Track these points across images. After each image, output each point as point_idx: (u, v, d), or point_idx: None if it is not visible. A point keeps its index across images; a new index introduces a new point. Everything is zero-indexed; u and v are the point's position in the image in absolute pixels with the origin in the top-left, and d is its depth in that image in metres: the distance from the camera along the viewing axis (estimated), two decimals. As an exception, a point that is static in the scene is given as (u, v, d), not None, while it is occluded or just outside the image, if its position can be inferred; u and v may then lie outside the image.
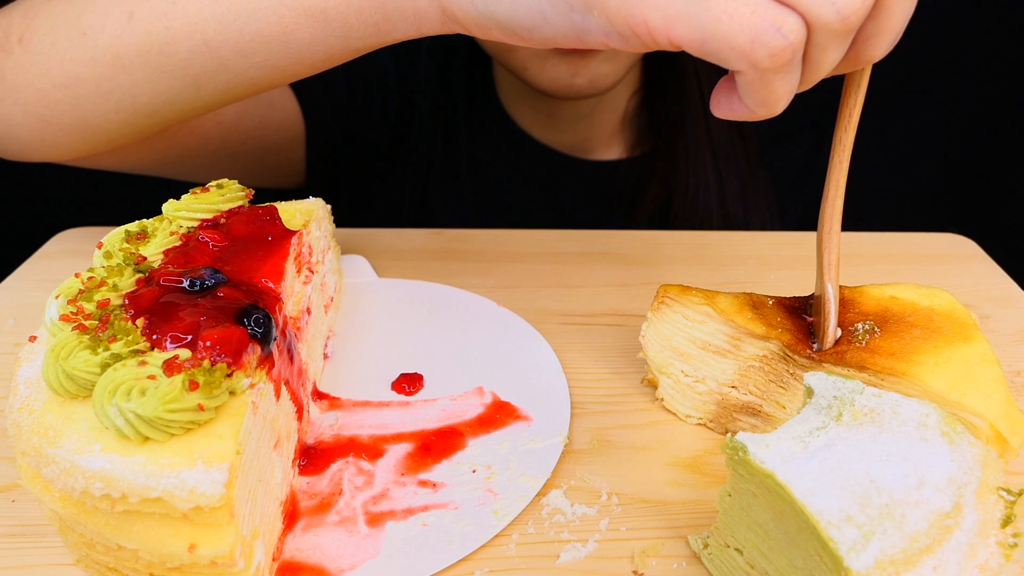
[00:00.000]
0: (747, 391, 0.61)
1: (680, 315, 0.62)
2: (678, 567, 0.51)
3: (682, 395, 0.64)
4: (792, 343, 0.57)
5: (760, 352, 0.59)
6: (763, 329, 0.58)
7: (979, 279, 0.85)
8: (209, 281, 0.53)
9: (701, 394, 0.63)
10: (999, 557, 0.41)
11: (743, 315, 0.59)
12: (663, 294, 0.63)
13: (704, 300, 0.61)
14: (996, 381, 0.53)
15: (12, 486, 0.57)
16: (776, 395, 0.59)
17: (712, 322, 0.61)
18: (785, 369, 0.59)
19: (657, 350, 0.64)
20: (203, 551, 0.43)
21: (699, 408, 0.63)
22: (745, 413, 0.61)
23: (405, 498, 0.55)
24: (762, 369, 0.60)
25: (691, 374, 0.63)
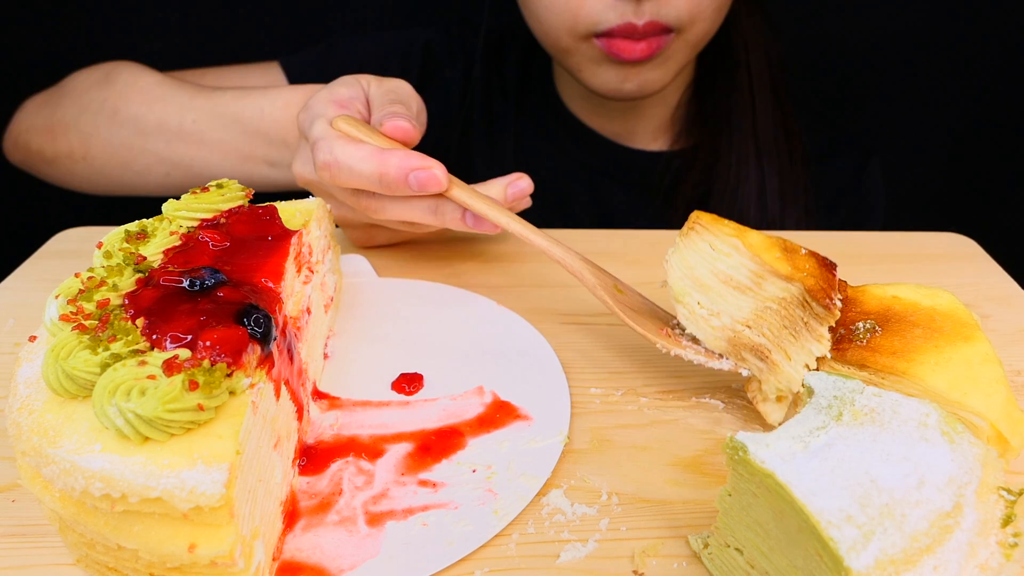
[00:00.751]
0: (760, 333, 0.60)
1: (707, 243, 0.61)
2: (678, 567, 0.51)
3: (695, 325, 0.63)
4: (815, 289, 0.57)
5: (781, 294, 0.59)
6: (789, 270, 0.58)
7: (979, 279, 0.85)
8: (209, 281, 0.53)
9: (714, 328, 0.62)
10: (999, 557, 0.41)
11: (771, 253, 0.59)
12: (694, 220, 0.62)
13: (734, 233, 0.60)
14: (997, 381, 0.53)
15: (12, 486, 0.57)
16: (787, 343, 0.59)
17: (738, 255, 0.60)
18: (801, 317, 0.58)
19: (678, 277, 0.63)
20: (203, 551, 0.43)
21: (711, 340, 0.63)
22: (753, 354, 0.61)
23: (405, 498, 0.55)
24: (779, 312, 0.59)
25: (707, 306, 0.62)
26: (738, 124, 1.10)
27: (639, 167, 1.16)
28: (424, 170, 0.67)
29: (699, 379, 0.69)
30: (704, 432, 0.63)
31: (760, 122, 1.10)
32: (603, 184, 1.17)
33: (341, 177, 0.69)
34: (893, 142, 1.61)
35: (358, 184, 0.69)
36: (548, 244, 0.70)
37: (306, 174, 0.77)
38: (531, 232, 0.71)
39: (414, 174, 0.67)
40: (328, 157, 0.69)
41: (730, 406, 0.66)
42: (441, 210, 0.71)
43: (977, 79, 1.55)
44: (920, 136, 1.61)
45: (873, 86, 1.56)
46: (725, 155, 1.10)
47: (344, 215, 0.79)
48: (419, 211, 0.71)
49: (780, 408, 0.62)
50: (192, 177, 0.97)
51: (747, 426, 0.64)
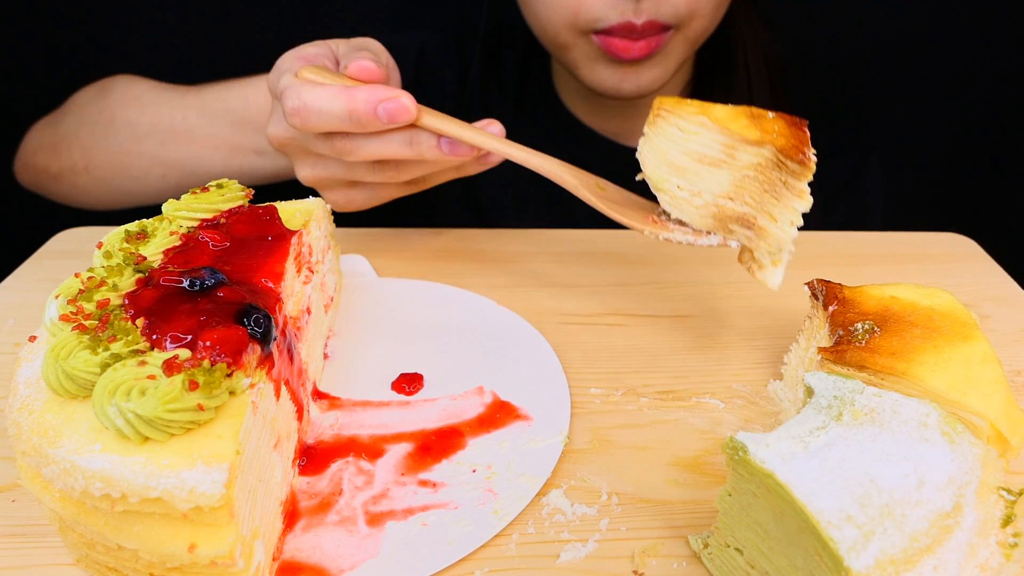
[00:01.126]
0: (743, 202, 0.61)
1: (675, 127, 0.62)
2: (678, 567, 0.51)
3: (679, 209, 0.64)
4: (787, 148, 0.58)
5: (755, 160, 0.60)
6: (758, 135, 0.59)
7: (979, 279, 0.85)
8: (209, 281, 0.53)
9: (698, 207, 0.63)
10: (999, 557, 0.41)
11: (739, 122, 0.60)
12: (658, 106, 0.63)
13: (700, 110, 0.61)
14: (997, 381, 0.53)
15: (12, 486, 0.57)
16: (770, 206, 0.60)
17: (707, 131, 0.61)
18: (779, 178, 0.59)
19: (653, 165, 0.63)
20: (203, 551, 0.43)
21: (696, 220, 0.63)
22: (740, 224, 0.62)
23: (405, 498, 0.55)
24: (757, 179, 0.60)
25: (687, 188, 0.63)
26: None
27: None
28: (392, 100, 0.67)
29: (699, 379, 0.69)
30: (704, 432, 0.63)
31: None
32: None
33: (311, 120, 0.69)
34: (893, 142, 1.61)
35: (329, 125, 0.69)
36: (526, 154, 0.71)
37: (279, 133, 0.76)
38: (507, 146, 0.71)
39: (383, 105, 0.67)
40: (296, 102, 0.69)
41: (730, 406, 0.66)
42: (416, 140, 0.71)
43: (978, 79, 1.55)
44: (920, 136, 1.61)
45: (874, 85, 1.56)
46: None
47: (319, 174, 0.77)
48: (395, 145, 0.71)
49: (778, 271, 0.62)
50: (187, 176, 0.97)
51: (747, 426, 0.64)
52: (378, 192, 0.80)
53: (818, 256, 0.89)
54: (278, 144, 0.77)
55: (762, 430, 0.63)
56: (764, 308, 0.79)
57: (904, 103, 1.57)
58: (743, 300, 0.81)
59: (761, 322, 0.77)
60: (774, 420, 0.65)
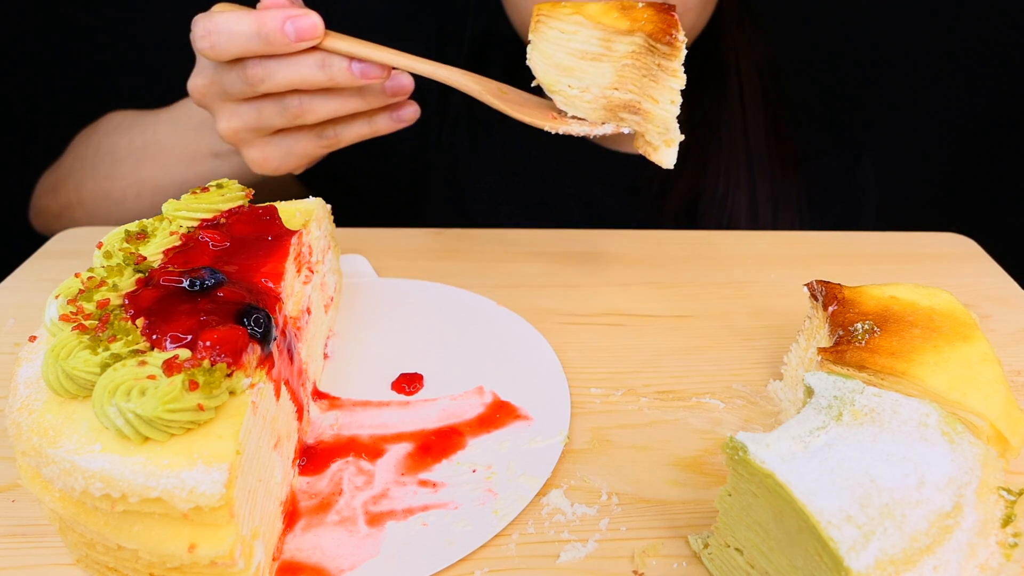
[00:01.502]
0: (627, 90, 0.66)
1: (556, 30, 0.66)
2: (678, 567, 0.51)
3: (573, 106, 0.69)
4: (655, 32, 0.63)
5: (629, 48, 0.65)
6: (628, 24, 0.64)
7: (979, 279, 0.85)
8: (209, 281, 0.53)
9: (589, 102, 0.68)
10: (999, 557, 0.41)
11: (610, 16, 0.65)
12: (537, 13, 0.67)
13: (574, 10, 0.65)
14: (996, 381, 0.53)
15: (12, 486, 0.57)
16: (650, 89, 0.66)
17: (584, 29, 0.65)
18: (653, 62, 0.64)
19: (544, 70, 0.68)
20: (203, 551, 0.43)
21: (590, 113, 0.68)
22: (628, 111, 0.67)
23: (405, 498, 0.55)
24: (634, 66, 0.65)
25: (576, 86, 0.68)
26: (727, 132, 1.09)
27: (628, 170, 1.15)
28: (301, 16, 0.69)
29: (699, 379, 0.69)
30: (704, 432, 0.63)
31: (751, 130, 1.09)
32: (592, 189, 1.16)
33: (220, 43, 0.70)
34: (894, 141, 1.61)
35: (238, 46, 0.70)
36: (433, 67, 0.73)
37: (197, 81, 0.77)
38: (415, 61, 0.73)
39: (291, 21, 0.69)
40: (207, 24, 0.70)
41: (730, 406, 0.66)
42: (327, 63, 0.72)
43: (979, 79, 1.55)
44: (921, 136, 1.61)
45: (875, 84, 1.56)
46: (713, 163, 1.09)
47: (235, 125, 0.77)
48: (306, 68, 0.72)
49: (671, 151, 0.69)
50: (158, 192, 0.97)
51: (747, 426, 0.64)
52: (292, 147, 0.80)
53: (818, 256, 0.89)
54: (198, 94, 0.78)
55: (762, 430, 0.63)
56: (764, 308, 0.79)
57: (905, 103, 1.58)
58: (743, 300, 0.81)
59: (761, 322, 0.77)
60: (774, 420, 0.65)
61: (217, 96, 0.77)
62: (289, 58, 0.72)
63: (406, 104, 0.79)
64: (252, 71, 0.72)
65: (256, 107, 0.75)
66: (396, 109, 0.78)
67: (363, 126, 0.79)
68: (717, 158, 1.09)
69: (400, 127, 0.80)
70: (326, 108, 0.75)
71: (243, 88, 0.74)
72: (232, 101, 0.76)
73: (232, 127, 0.77)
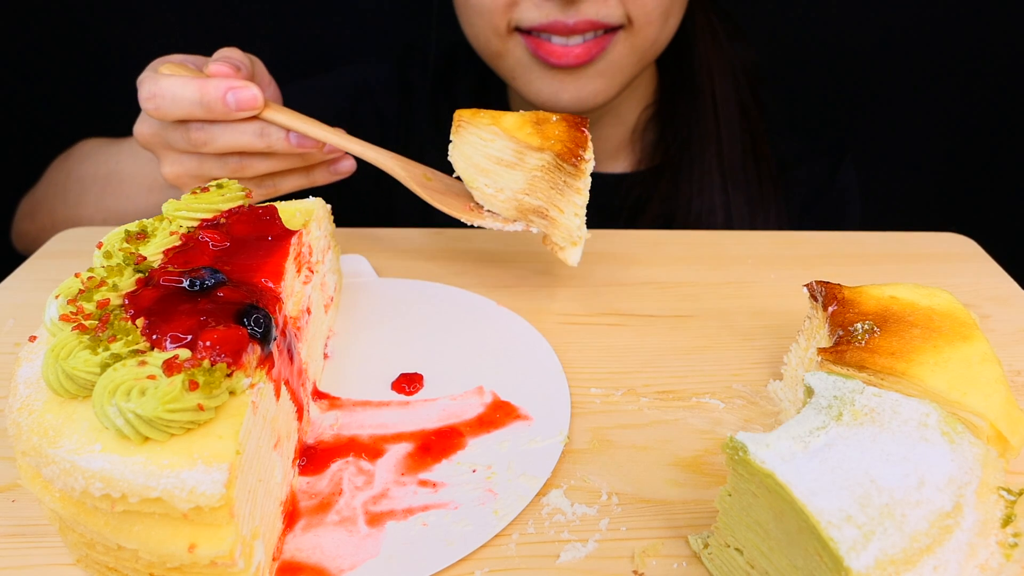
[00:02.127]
0: (536, 197, 0.71)
1: (475, 136, 0.71)
2: (678, 567, 0.51)
3: (488, 203, 0.73)
4: (563, 154, 0.68)
5: (539, 163, 0.69)
6: (539, 142, 0.69)
7: (979, 279, 0.85)
8: (209, 281, 0.53)
9: (502, 201, 0.72)
10: (999, 557, 0.41)
11: (523, 131, 0.70)
12: (458, 119, 0.72)
13: (491, 121, 0.70)
14: (996, 380, 0.53)
15: (12, 486, 0.57)
16: (557, 200, 0.70)
17: (499, 139, 0.70)
18: (560, 177, 0.69)
19: (463, 167, 0.73)
20: (203, 551, 0.43)
21: (503, 211, 0.73)
22: (537, 215, 0.72)
23: (405, 498, 0.55)
24: (544, 178, 0.70)
25: (491, 185, 0.72)
26: (700, 152, 1.07)
27: (600, 190, 1.13)
28: (242, 88, 0.73)
29: (699, 379, 0.69)
30: (704, 432, 0.63)
31: (726, 149, 1.08)
32: None
33: (164, 106, 0.73)
34: (894, 142, 1.61)
35: (181, 110, 0.73)
36: (363, 148, 0.78)
37: (143, 129, 0.79)
38: (347, 140, 0.77)
39: (232, 93, 0.72)
40: (152, 88, 0.73)
41: (730, 406, 0.66)
42: (266, 132, 0.76)
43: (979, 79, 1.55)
44: (920, 136, 1.61)
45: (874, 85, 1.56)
46: (686, 185, 1.08)
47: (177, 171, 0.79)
48: (247, 136, 0.75)
49: (576, 251, 0.73)
50: (121, 221, 0.98)
51: (747, 426, 0.64)
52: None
53: (818, 256, 0.89)
54: (143, 141, 0.80)
55: (762, 430, 0.63)
56: (764, 308, 0.79)
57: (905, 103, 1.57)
58: (743, 300, 0.81)
59: (761, 322, 0.77)
60: (774, 420, 0.65)
61: (161, 145, 0.79)
62: (230, 124, 0.75)
63: (343, 158, 0.82)
64: (195, 135, 0.75)
65: (198, 159, 0.78)
66: (333, 163, 0.82)
67: (301, 178, 0.83)
68: (690, 179, 1.08)
69: (337, 179, 0.83)
70: (264, 166, 0.79)
71: (186, 146, 0.77)
72: (175, 151, 0.79)
73: (175, 172, 0.80)
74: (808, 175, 1.17)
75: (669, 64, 1.12)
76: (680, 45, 1.08)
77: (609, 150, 1.14)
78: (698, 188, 1.07)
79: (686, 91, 1.08)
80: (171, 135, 0.77)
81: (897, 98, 1.57)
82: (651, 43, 0.96)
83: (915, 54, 1.52)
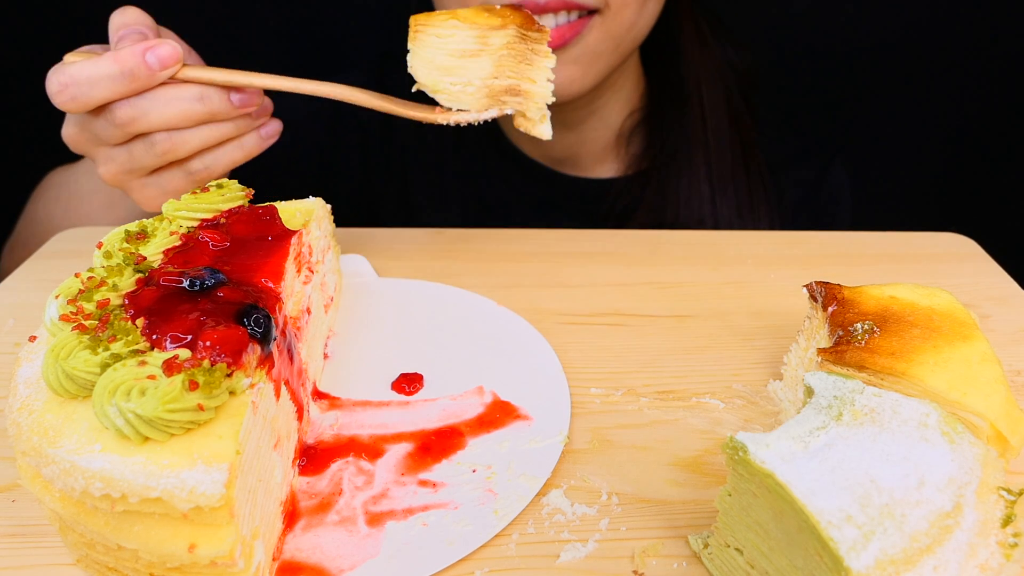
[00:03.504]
0: (506, 77, 0.73)
1: (433, 35, 0.72)
2: (678, 567, 0.51)
3: (457, 101, 0.74)
4: (524, 23, 0.71)
5: (504, 40, 0.72)
6: (499, 21, 0.71)
7: (979, 279, 0.85)
8: (209, 281, 0.53)
9: (471, 94, 0.74)
10: (999, 557, 0.41)
11: (481, 16, 0.72)
12: (414, 24, 0.72)
13: (449, 15, 0.72)
14: (996, 380, 0.53)
15: (12, 486, 0.57)
16: (527, 71, 0.73)
17: (460, 31, 0.71)
18: (526, 48, 0.72)
19: (426, 74, 0.73)
20: (203, 551, 0.43)
21: (473, 104, 0.74)
22: (509, 95, 0.74)
23: (405, 498, 0.55)
24: (510, 55, 0.72)
25: (458, 83, 0.73)
26: (687, 162, 1.07)
27: (586, 196, 1.13)
28: (159, 45, 0.67)
29: (699, 379, 0.69)
30: (704, 432, 0.63)
31: (715, 158, 1.07)
32: (552, 215, 1.14)
33: (82, 93, 0.66)
34: (893, 142, 1.61)
35: (101, 92, 0.67)
36: (315, 85, 0.75)
37: (68, 131, 0.74)
38: (296, 81, 0.74)
39: (150, 52, 0.66)
40: (61, 78, 0.66)
41: (730, 406, 0.66)
42: (207, 96, 0.70)
43: (979, 79, 1.55)
44: (921, 136, 1.61)
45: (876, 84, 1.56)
46: (672, 192, 1.07)
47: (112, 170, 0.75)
48: (184, 102, 0.70)
49: (548, 124, 0.75)
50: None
51: (747, 426, 0.64)
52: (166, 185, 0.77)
53: (818, 256, 0.89)
54: (73, 144, 0.75)
55: (762, 430, 0.63)
56: (764, 308, 0.79)
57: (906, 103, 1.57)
58: (743, 300, 0.81)
59: (761, 322, 0.77)
60: (774, 420, 0.65)
61: (90, 143, 0.74)
62: (162, 95, 0.69)
63: (269, 121, 0.78)
64: (121, 112, 0.69)
65: (127, 149, 0.73)
66: (260, 127, 0.77)
67: (235, 150, 0.77)
68: (677, 186, 1.07)
69: (268, 144, 0.78)
70: (196, 139, 0.73)
71: (113, 132, 0.71)
72: (106, 146, 0.74)
73: (110, 172, 0.75)
74: (798, 175, 1.16)
75: (657, 71, 1.11)
76: (668, 52, 1.07)
77: (595, 153, 1.13)
78: (685, 198, 1.06)
79: (674, 100, 1.07)
80: (95, 125, 0.71)
81: (899, 97, 1.57)
82: (628, 28, 0.94)
83: (916, 53, 1.52)
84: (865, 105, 1.59)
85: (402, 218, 1.17)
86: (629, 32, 0.95)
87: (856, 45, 1.52)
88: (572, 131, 1.10)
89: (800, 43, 1.50)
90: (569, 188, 1.14)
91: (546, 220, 1.13)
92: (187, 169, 0.76)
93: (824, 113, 1.59)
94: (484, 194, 1.15)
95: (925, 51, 1.52)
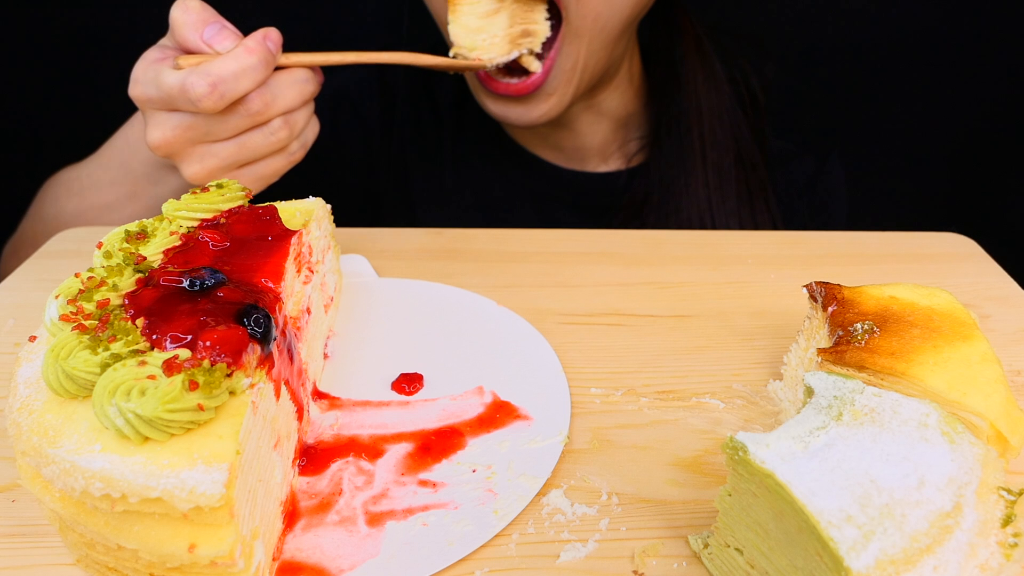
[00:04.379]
0: (517, 24, 0.90)
1: (467, 5, 0.89)
2: (678, 567, 0.51)
3: (488, 52, 0.91)
4: None
5: None
6: None
7: (979, 279, 0.85)
8: (209, 281, 0.53)
9: (498, 44, 0.91)
10: (999, 557, 0.41)
11: None
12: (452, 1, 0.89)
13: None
14: (996, 380, 0.53)
15: (12, 486, 0.57)
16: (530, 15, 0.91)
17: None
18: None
19: (464, 35, 0.90)
20: (203, 551, 0.43)
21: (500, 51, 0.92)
22: (523, 36, 0.92)
23: (405, 498, 0.55)
24: (518, 7, 0.90)
25: (488, 39, 0.90)
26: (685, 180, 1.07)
27: (588, 190, 1.14)
28: (266, 33, 0.72)
29: (699, 379, 0.69)
30: (704, 432, 0.63)
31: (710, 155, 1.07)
32: (554, 209, 1.15)
33: (229, 89, 0.69)
34: (893, 142, 1.62)
35: (246, 84, 0.70)
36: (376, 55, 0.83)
37: (163, 134, 0.74)
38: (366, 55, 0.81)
39: (267, 40, 0.72)
40: (210, 78, 0.68)
41: (730, 406, 0.66)
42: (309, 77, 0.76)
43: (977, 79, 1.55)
44: (921, 136, 1.61)
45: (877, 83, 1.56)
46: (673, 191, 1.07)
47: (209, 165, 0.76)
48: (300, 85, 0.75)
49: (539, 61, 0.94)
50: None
51: (747, 426, 0.64)
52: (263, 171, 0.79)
53: (818, 256, 0.89)
54: (165, 147, 0.75)
55: (762, 430, 0.63)
56: (764, 308, 0.79)
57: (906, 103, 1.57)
58: (743, 300, 0.81)
59: (761, 322, 0.77)
60: (774, 420, 0.65)
61: (190, 142, 0.75)
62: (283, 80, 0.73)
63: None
64: (256, 102, 0.72)
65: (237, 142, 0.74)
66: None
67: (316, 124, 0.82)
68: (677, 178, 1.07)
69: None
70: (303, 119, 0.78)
71: (239, 123, 0.73)
72: (208, 143, 0.74)
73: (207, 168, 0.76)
74: (795, 173, 1.17)
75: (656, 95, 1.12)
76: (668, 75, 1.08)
77: (596, 148, 1.14)
78: (686, 201, 1.07)
79: (674, 131, 1.08)
80: (215, 122, 0.72)
81: (899, 97, 1.57)
82: (599, 28, 0.91)
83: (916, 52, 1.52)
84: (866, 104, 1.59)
85: (402, 218, 1.17)
86: (604, 32, 0.92)
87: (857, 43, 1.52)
88: (565, 130, 1.11)
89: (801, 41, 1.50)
90: (571, 183, 1.14)
91: (546, 215, 1.14)
92: (288, 151, 0.79)
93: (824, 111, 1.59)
94: (486, 190, 1.15)
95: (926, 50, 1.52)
